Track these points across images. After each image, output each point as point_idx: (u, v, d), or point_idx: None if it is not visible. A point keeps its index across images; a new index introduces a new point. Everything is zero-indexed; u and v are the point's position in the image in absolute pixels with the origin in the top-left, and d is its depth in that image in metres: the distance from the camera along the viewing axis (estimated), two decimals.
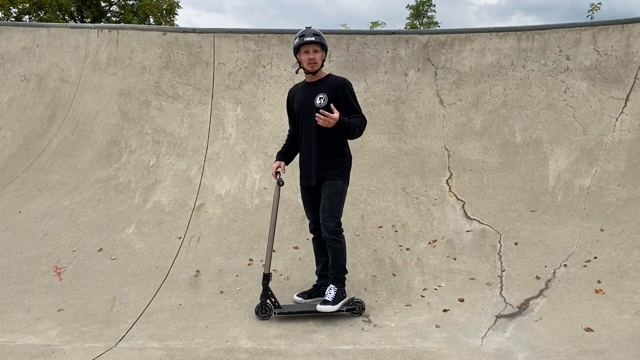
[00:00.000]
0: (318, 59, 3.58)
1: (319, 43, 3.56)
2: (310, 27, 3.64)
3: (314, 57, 3.56)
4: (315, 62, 3.57)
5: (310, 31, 3.60)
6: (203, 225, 4.98)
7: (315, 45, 3.56)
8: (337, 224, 3.59)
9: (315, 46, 3.56)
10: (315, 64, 3.57)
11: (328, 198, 3.59)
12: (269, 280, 3.66)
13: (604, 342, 3.18)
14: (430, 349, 3.22)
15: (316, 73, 3.64)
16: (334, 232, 3.58)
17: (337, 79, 3.65)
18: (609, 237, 4.37)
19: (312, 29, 3.63)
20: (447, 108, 5.78)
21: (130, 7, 26.05)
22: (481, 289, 4.01)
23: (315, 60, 3.57)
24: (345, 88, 3.58)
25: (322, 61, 3.63)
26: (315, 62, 3.57)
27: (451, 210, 4.98)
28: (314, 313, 3.62)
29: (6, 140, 6.92)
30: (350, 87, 3.62)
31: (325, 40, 3.62)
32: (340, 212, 3.63)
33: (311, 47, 3.56)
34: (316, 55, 3.57)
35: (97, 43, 6.86)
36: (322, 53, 3.60)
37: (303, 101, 3.67)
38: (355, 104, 3.60)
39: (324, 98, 3.55)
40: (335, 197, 3.59)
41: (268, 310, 3.66)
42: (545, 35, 5.76)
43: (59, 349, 3.24)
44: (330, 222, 3.57)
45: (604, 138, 5.17)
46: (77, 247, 4.71)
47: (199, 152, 5.71)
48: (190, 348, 3.26)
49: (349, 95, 3.57)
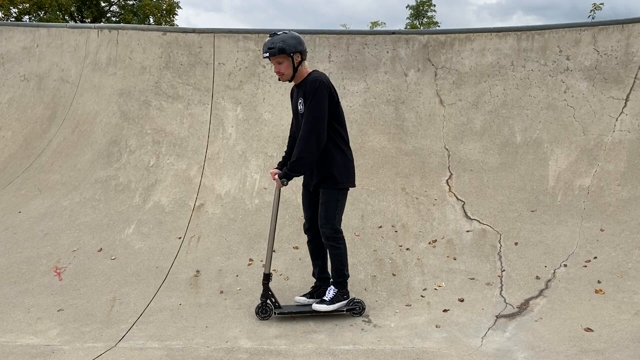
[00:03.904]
0: (283, 70, 3.42)
1: (277, 55, 3.36)
2: (273, 35, 3.42)
3: (278, 70, 3.43)
4: (281, 73, 3.44)
5: (266, 44, 3.39)
6: (203, 225, 4.98)
7: (274, 58, 3.39)
8: (333, 231, 3.55)
9: (276, 58, 3.39)
10: (282, 74, 3.44)
11: (323, 205, 3.56)
12: (269, 281, 3.66)
13: (604, 342, 3.18)
14: (430, 349, 3.23)
15: (294, 78, 3.49)
16: (331, 239, 3.56)
17: (308, 83, 3.42)
18: (609, 237, 4.37)
19: (269, 41, 3.40)
20: (447, 108, 5.79)
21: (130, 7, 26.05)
22: (481, 289, 4.01)
23: (280, 72, 3.43)
24: (309, 95, 3.36)
25: (294, 66, 3.42)
26: (281, 73, 3.44)
27: (451, 210, 4.98)
28: (313, 313, 3.62)
29: (6, 140, 6.92)
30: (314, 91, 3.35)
31: (287, 47, 3.35)
32: (335, 219, 3.56)
33: (272, 60, 3.42)
34: (280, 67, 3.41)
35: (97, 43, 6.86)
36: (287, 61, 3.39)
37: (293, 105, 3.64)
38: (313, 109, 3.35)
39: (301, 103, 3.46)
40: (330, 205, 3.54)
41: (268, 310, 3.66)
42: (545, 35, 5.76)
43: (59, 349, 3.24)
44: (325, 228, 3.55)
45: (604, 138, 5.17)
46: (77, 247, 4.71)
47: (199, 152, 5.71)
48: (190, 348, 3.26)
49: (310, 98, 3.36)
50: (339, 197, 3.57)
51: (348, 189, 3.63)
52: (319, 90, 3.35)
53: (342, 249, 3.62)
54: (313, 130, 3.36)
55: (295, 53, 3.40)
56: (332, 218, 3.55)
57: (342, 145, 3.56)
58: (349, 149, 3.64)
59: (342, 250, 3.63)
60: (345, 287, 3.68)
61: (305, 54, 3.49)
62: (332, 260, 3.64)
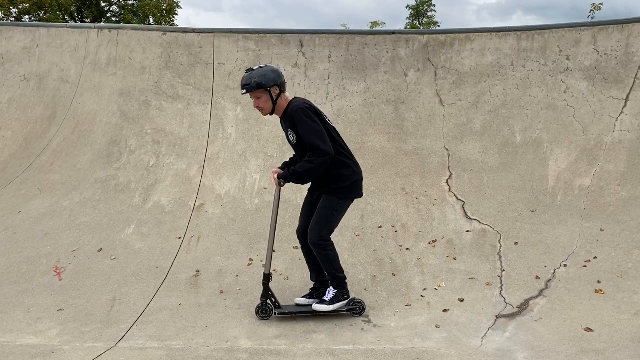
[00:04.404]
0: (262, 104, 3.42)
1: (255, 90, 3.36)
2: (249, 70, 3.41)
3: (257, 105, 3.44)
4: (260, 108, 3.44)
5: (242, 81, 3.40)
6: (203, 225, 4.98)
7: (252, 93, 3.39)
8: (319, 238, 3.51)
9: (254, 94, 3.39)
10: (262, 109, 3.45)
11: (318, 211, 3.55)
12: (269, 281, 3.65)
13: (604, 342, 3.18)
14: (430, 349, 3.23)
15: (274, 111, 3.48)
16: (316, 245, 3.53)
17: (289, 113, 3.40)
18: (609, 237, 4.37)
19: (245, 77, 3.39)
20: (447, 108, 5.79)
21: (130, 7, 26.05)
22: (481, 289, 4.01)
23: (260, 107, 3.44)
24: (295, 121, 3.35)
25: (273, 100, 3.42)
26: (260, 108, 3.44)
27: (451, 210, 4.98)
28: (313, 313, 3.62)
29: (6, 140, 6.92)
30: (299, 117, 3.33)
31: (263, 81, 3.34)
32: (326, 228, 3.53)
33: (251, 95, 3.42)
34: (259, 102, 3.42)
35: (97, 43, 6.86)
36: (265, 96, 3.39)
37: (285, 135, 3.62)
38: (307, 132, 3.32)
39: (292, 134, 3.46)
40: (325, 211, 3.52)
41: (268, 310, 3.66)
42: (545, 35, 5.76)
43: (59, 349, 3.24)
44: (312, 233, 3.53)
45: (604, 138, 5.17)
46: (77, 247, 4.71)
47: (199, 152, 5.71)
48: (190, 348, 3.26)
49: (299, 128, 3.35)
50: (337, 207, 3.54)
51: (351, 200, 3.61)
52: (303, 114, 3.34)
53: (330, 254, 3.57)
54: (321, 145, 3.32)
55: (272, 87, 3.39)
56: (323, 226, 3.52)
57: (345, 159, 3.53)
58: (354, 162, 3.59)
59: (331, 255, 3.58)
60: (344, 287, 3.68)
61: (284, 85, 3.47)
62: (322, 265, 3.63)
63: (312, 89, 6.00)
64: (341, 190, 3.52)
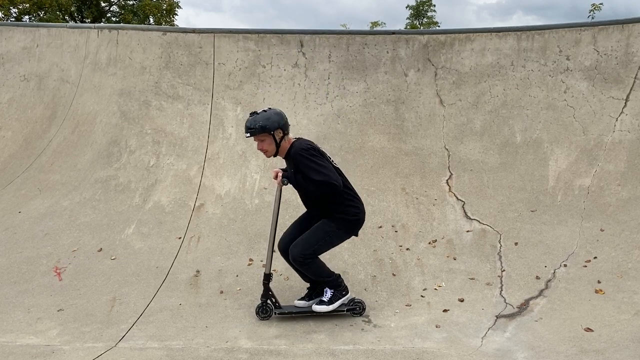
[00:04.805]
0: (266, 147, 3.45)
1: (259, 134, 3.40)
2: (253, 114, 3.44)
3: (261, 148, 3.47)
4: (264, 150, 3.47)
5: (247, 124, 3.43)
6: (203, 225, 4.98)
7: (256, 137, 3.43)
8: (300, 254, 3.46)
9: (257, 137, 3.43)
10: (266, 152, 3.48)
11: (314, 229, 3.53)
12: (269, 281, 3.65)
13: (604, 342, 3.18)
14: (430, 349, 3.22)
15: (278, 155, 3.51)
16: (296, 260, 3.50)
17: (292, 154, 3.42)
18: (609, 237, 4.37)
19: (248, 120, 3.43)
20: (447, 108, 5.79)
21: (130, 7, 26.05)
22: (481, 289, 4.01)
23: (264, 149, 3.47)
24: (298, 163, 3.38)
25: (276, 143, 3.44)
26: (264, 150, 3.47)
27: (451, 210, 4.98)
28: (313, 313, 3.62)
29: (6, 140, 6.92)
30: (301, 157, 3.36)
31: (266, 122, 3.37)
32: (312, 248, 3.47)
33: (255, 138, 3.45)
34: (263, 144, 3.45)
35: (97, 43, 6.86)
36: (269, 139, 3.42)
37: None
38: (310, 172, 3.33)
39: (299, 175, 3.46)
40: (319, 233, 3.49)
41: (269, 310, 3.66)
42: (545, 35, 5.76)
43: (59, 349, 3.24)
44: (295, 248, 3.49)
45: (604, 138, 5.17)
46: (77, 247, 4.71)
47: (199, 152, 5.71)
48: (190, 348, 3.26)
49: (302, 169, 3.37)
50: (332, 234, 3.52)
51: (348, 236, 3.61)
52: (307, 153, 3.36)
53: (312, 266, 3.53)
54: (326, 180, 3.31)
55: (276, 130, 3.42)
56: (311, 245, 3.48)
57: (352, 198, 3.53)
58: (359, 201, 3.60)
59: (313, 266, 3.53)
60: (340, 285, 3.65)
61: (286, 127, 3.49)
62: (310, 274, 3.60)
63: (312, 89, 6.00)
64: (343, 222, 3.51)
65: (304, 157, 3.35)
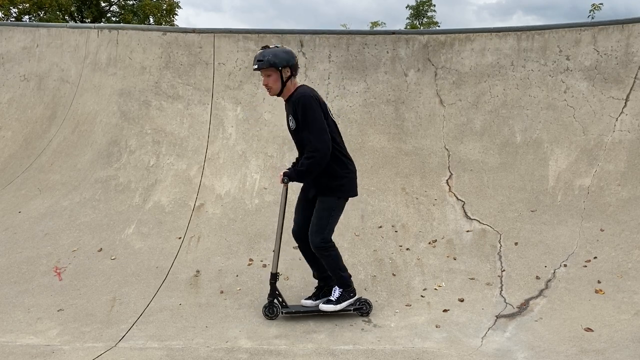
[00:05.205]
0: (271, 83, 3.39)
1: (265, 68, 3.35)
2: (265, 48, 3.40)
3: (266, 83, 3.41)
4: (269, 87, 3.42)
5: (256, 56, 3.37)
6: (203, 225, 4.98)
7: (263, 70, 3.37)
8: (322, 240, 3.50)
9: (265, 71, 3.37)
10: (270, 88, 3.42)
11: (317, 213, 3.54)
12: (276, 280, 3.64)
13: (604, 342, 3.18)
14: (430, 349, 3.23)
15: (282, 94, 3.46)
16: (319, 248, 3.53)
17: (294, 99, 3.38)
18: (609, 237, 4.37)
19: (259, 53, 3.38)
20: (447, 108, 5.79)
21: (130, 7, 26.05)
22: (481, 289, 4.01)
23: (268, 86, 3.41)
24: (298, 110, 3.34)
25: (282, 81, 3.39)
26: (269, 87, 3.42)
27: (451, 210, 4.98)
28: (320, 313, 3.62)
29: (6, 140, 6.92)
30: (303, 105, 3.33)
31: (276, 60, 3.32)
32: (327, 228, 3.52)
33: (262, 72, 3.39)
34: (269, 79, 3.38)
35: (97, 43, 6.86)
36: (275, 75, 3.36)
37: (286, 122, 3.61)
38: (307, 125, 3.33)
39: (292, 120, 3.45)
40: (324, 213, 3.51)
41: (275, 310, 3.65)
42: (545, 35, 5.76)
43: (59, 349, 3.24)
44: (315, 237, 3.52)
45: (604, 138, 5.17)
46: (77, 247, 4.71)
47: (199, 152, 5.71)
48: (190, 348, 3.26)
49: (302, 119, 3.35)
50: (335, 207, 3.54)
51: (347, 199, 3.61)
52: (308, 103, 3.34)
53: (332, 255, 3.57)
54: (318, 141, 3.34)
55: (284, 67, 3.37)
56: (324, 228, 3.51)
57: (341, 156, 3.53)
58: (349, 160, 3.60)
59: (334, 256, 3.58)
60: (349, 285, 3.67)
61: (295, 68, 3.46)
62: (327, 266, 3.62)
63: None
64: (337, 189, 3.51)
65: (305, 106, 3.31)
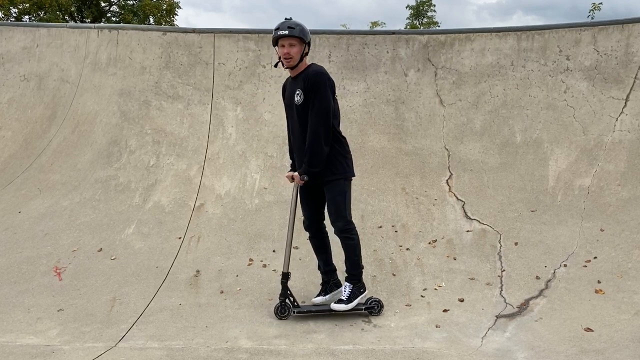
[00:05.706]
0: (294, 54, 3.35)
1: (295, 37, 3.32)
2: (290, 19, 3.40)
3: (288, 52, 3.34)
4: (290, 56, 3.35)
5: (286, 24, 3.34)
6: (203, 225, 4.98)
7: (290, 39, 3.32)
8: (346, 223, 3.58)
9: (291, 40, 3.33)
10: (291, 58, 3.36)
11: (332, 200, 3.57)
12: (287, 279, 3.64)
13: (604, 342, 3.18)
14: (430, 349, 3.23)
15: (295, 67, 3.43)
16: (345, 231, 3.59)
17: (309, 74, 3.38)
18: (609, 237, 4.37)
19: (288, 22, 3.37)
20: (447, 108, 5.79)
21: (130, 7, 26.04)
22: (481, 289, 4.01)
23: (290, 55, 3.35)
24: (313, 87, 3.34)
25: (302, 55, 3.40)
26: (290, 56, 3.35)
27: (451, 210, 4.98)
28: (332, 312, 3.62)
29: (6, 140, 6.92)
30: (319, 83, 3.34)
31: (304, 33, 3.35)
32: (346, 210, 3.59)
33: (287, 40, 3.33)
34: (292, 49, 3.34)
35: (97, 43, 6.86)
36: (299, 47, 3.36)
37: (288, 97, 3.59)
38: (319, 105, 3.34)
39: (299, 94, 3.42)
40: (339, 198, 3.56)
41: (287, 309, 3.64)
42: (545, 35, 5.76)
43: (59, 349, 3.24)
44: (339, 222, 3.58)
45: (604, 138, 5.17)
46: (77, 247, 4.71)
47: (199, 152, 5.71)
48: (190, 348, 3.26)
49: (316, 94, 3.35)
50: (346, 188, 3.59)
51: (351, 179, 3.66)
52: (324, 83, 3.36)
53: (355, 239, 3.64)
54: (324, 123, 3.38)
55: (308, 43, 3.44)
56: (344, 210, 3.57)
57: (340, 137, 3.60)
58: (345, 141, 3.66)
59: (356, 241, 3.65)
60: (360, 281, 3.69)
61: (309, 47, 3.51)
62: (347, 252, 3.65)
63: None
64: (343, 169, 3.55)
65: (323, 84, 3.34)
